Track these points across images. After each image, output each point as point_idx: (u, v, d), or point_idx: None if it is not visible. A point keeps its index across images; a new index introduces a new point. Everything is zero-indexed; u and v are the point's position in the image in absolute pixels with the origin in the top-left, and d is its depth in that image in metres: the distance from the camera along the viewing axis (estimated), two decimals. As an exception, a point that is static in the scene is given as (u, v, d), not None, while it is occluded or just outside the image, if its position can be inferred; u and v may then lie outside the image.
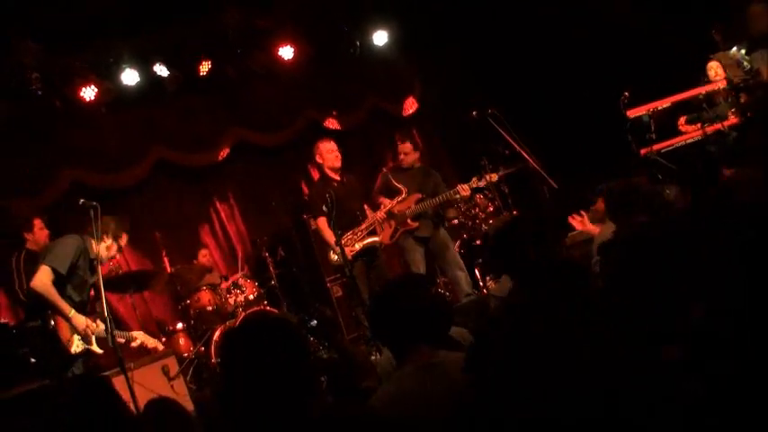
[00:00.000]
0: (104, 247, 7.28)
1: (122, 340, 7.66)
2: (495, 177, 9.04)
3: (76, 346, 7.00)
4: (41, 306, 6.91)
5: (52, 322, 6.93)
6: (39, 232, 8.67)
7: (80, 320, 6.99)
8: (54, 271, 6.87)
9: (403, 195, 8.95)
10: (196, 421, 4.35)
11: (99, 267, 7.08)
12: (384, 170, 9.46)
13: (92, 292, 7.55)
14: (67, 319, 6.93)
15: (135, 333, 7.69)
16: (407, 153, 9.34)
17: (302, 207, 10.58)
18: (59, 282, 6.95)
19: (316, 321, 9.51)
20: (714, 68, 9.69)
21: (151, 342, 7.75)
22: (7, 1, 8.92)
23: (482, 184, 9.01)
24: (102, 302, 6.82)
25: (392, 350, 4.03)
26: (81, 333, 7.00)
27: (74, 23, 9.64)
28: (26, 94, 9.69)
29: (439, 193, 9.05)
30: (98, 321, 7.13)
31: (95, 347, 7.15)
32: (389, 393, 3.68)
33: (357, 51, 11.92)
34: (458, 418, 3.48)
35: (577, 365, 3.49)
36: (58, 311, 6.90)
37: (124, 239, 7.57)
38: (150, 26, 10.28)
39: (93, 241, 7.17)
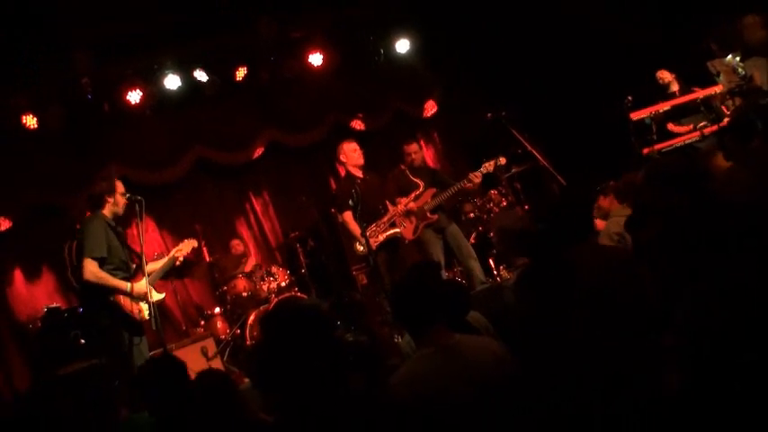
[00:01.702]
0: (114, 209, 7.23)
1: (171, 265, 7.57)
2: (503, 161, 9.06)
3: (145, 311, 6.98)
4: (98, 292, 6.93)
5: (114, 302, 6.92)
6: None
7: (139, 287, 6.97)
8: (96, 259, 6.89)
9: (420, 189, 8.96)
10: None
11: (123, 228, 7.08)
12: (398, 169, 9.44)
13: (135, 260, 7.49)
14: (127, 294, 6.92)
15: (171, 254, 7.62)
16: (416, 152, 9.35)
17: (330, 202, 10.61)
18: (104, 262, 6.96)
19: (345, 305, 9.54)
20: (659, 76, 9.82)
21: (187, 246, 7.74)
22: (60, 13, 9.02)
23: (491, 167, 8.99)
24: (143, 266, 6.85)
25: (411, 332, 4.06)
26: (142, 297, 6.98)
27: (121, 34, 9.73)
28: (77, 99, 9.81)
29: (449, 186, 9.05)
30: (141, 279, 7.09)
31: (156, 295, 7.09)
32: (408, 373, 3.72)
33: (381, 58, 11.97)
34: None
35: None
36: (117, 291, 6.90)
37: (119, 187, 7.43)
38: (191, 36, 10.36)
39: (107, 206, 7.17)
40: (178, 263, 7.68)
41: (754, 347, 2.55)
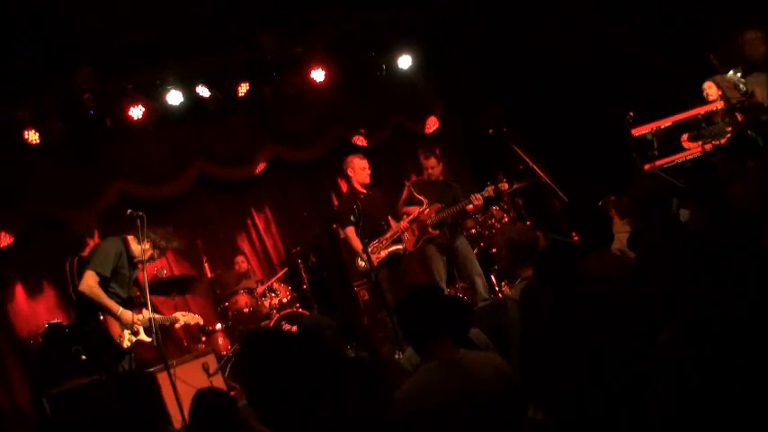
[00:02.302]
0: (140, 249, 7.27)
1: (167, 323, 7.75)
2: (506, 186, 9.06)
3: (127, 340, 7.04)
4: (92, 307, 6.96)
5: (103, 321, 6.97)
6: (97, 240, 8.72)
7: (127, 315, 7.04)
8: (98, 274, 6.93)
9: (424, 206, 8.96)
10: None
11: (142, 266, 7.16)
12: (408, 183, 9.44)
13: (137, 293, 7.59)
14: (116, 317, 6.97)
15: (176, 315, 7.79)
16: (433, 167, 9.35)
17: (332, 217, 10.62)
18: (104, 282, 7.00)
19: (347, 322, 9.54)
20: (706, 89, 9.73)
21: (193, 319, 7.87)
22: (64, 29, 9.04)
23: (492, 191, 8.99)
24: (147, 302, 6.90)
25: (415, 347, 4.06)
26: (129, 327, 7.04)
27: (123, 49, 9.75)
28: (80, 114, 9.84)
29: (456, 202, 9.04)
30: (143, 311, 7.18)
31: (144, 336, 7.16)
32: (412, 387, 3.73)
33: (383, 74, 11.99)
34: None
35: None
36: (106, 311, 6.95)
37: (167, 246, 7.56)
38: (193, 52, 10.38)
39: (134, 241, 7.25)
40: (177, 325, 7.88)
41: (754, 348, 2.56)
